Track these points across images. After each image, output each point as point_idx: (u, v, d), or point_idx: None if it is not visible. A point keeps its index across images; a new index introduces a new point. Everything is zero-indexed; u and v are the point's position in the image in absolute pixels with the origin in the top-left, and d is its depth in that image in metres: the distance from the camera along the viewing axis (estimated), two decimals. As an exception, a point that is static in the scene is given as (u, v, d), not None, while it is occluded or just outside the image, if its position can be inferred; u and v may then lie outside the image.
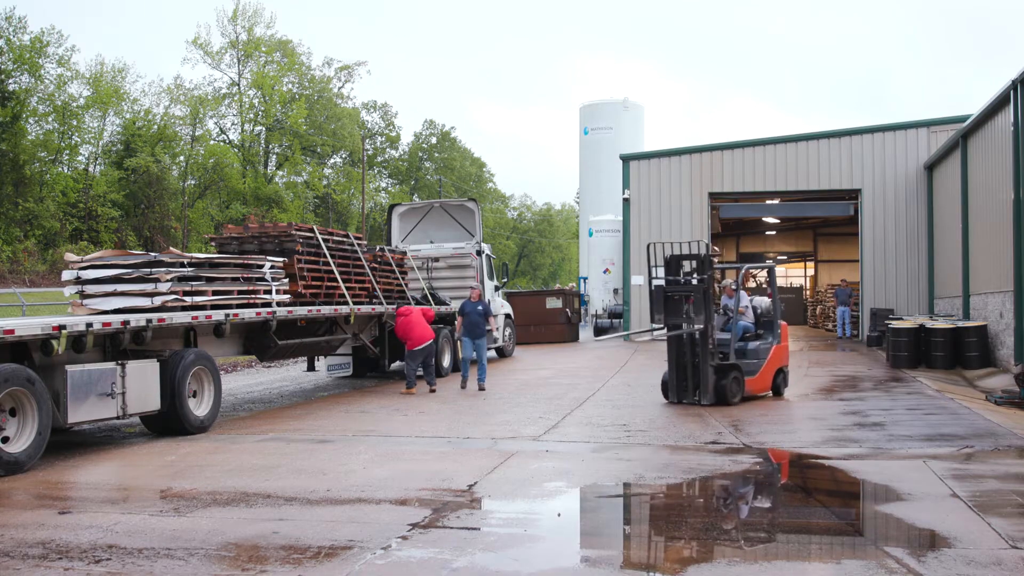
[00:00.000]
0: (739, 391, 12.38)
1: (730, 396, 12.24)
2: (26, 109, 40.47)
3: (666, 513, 6.92)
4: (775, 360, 13.10)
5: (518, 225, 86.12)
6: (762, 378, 12.89)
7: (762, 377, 12.87)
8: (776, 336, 13.11)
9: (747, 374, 12.61)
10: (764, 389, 13.03)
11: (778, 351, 13.12)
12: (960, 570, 5.19)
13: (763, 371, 12.86)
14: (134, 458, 9.11)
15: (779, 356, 13.18)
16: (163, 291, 10.31)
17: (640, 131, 36.66)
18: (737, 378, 12.42)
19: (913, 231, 23.99)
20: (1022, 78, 14.59)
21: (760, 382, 12.88)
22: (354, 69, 64.76)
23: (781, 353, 13.22)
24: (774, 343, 13.04)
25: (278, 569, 5.30)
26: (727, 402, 12.13)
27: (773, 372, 13.07)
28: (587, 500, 7.40)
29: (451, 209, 20.87)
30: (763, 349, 13.03)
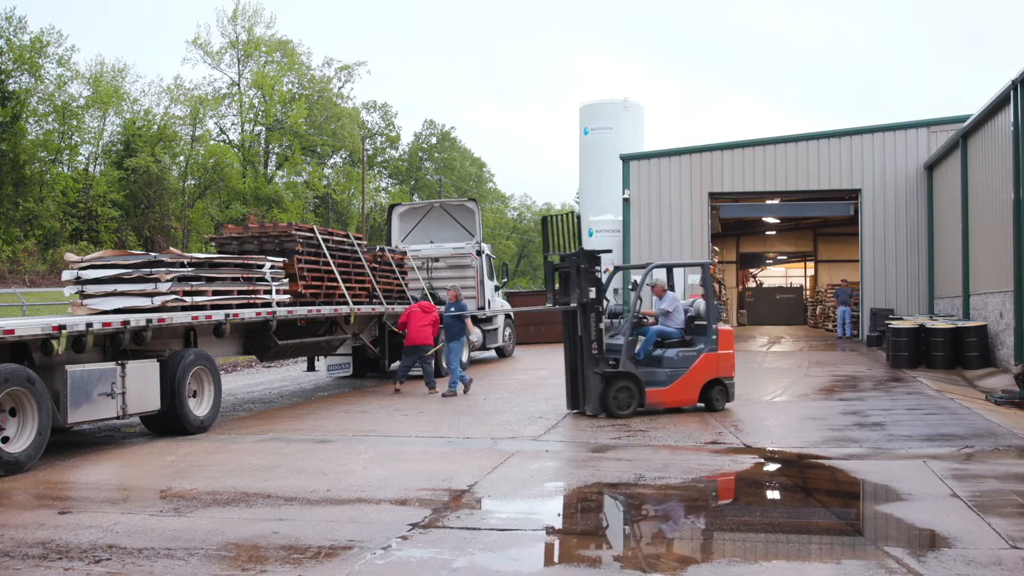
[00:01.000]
0: (630, 403, 11.38)
1: (615, 408, 11.33)
2: (26, 109, 40.48)
3: (666, 513, 6.93)
4: (704, 370, 11.73)
5: (518, 225, 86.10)
6: (679, 390, 11.65)
7: (679, 389, 11.65)
8: (710, 343, 11.77)
9: (654, 384, 11.56)
10: (684, 402, 11.79)
11: (710, 360, 11.76)
12: (960, 570, 5.19)
13: (681, 382, 11.63)
14: (134, 458, 9.11)
15: (711, 365, 11.77)
16: (163, 291, 10.32)
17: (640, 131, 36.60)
18: (628, 388, 11.41)
19: (913, 231, 23.99)
20: (1022, 78, 14.59)
21: (675, 394, 11.66)
22: (354, 69, 64.81)
23: (715, 362, 11.78)
24: (705, 351, 11.74)
25: (278, 569, 5.30)
26: (613, 414, 11.30)
27: (700, 383, 11.72)
28: (587, 500, 7.40)
29: (451, 209, 20.87)
30: (684, 357, 11.76)
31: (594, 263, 11.65)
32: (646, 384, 11.56)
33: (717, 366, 11.82)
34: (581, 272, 11.41)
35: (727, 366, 11.91)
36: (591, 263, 11.60)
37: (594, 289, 11.50)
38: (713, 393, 11.84)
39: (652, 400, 11.60)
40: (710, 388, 11.81)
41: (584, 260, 11.46)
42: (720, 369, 11.84)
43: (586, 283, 11.45)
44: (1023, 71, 14.57)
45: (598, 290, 11.55)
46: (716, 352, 11.78)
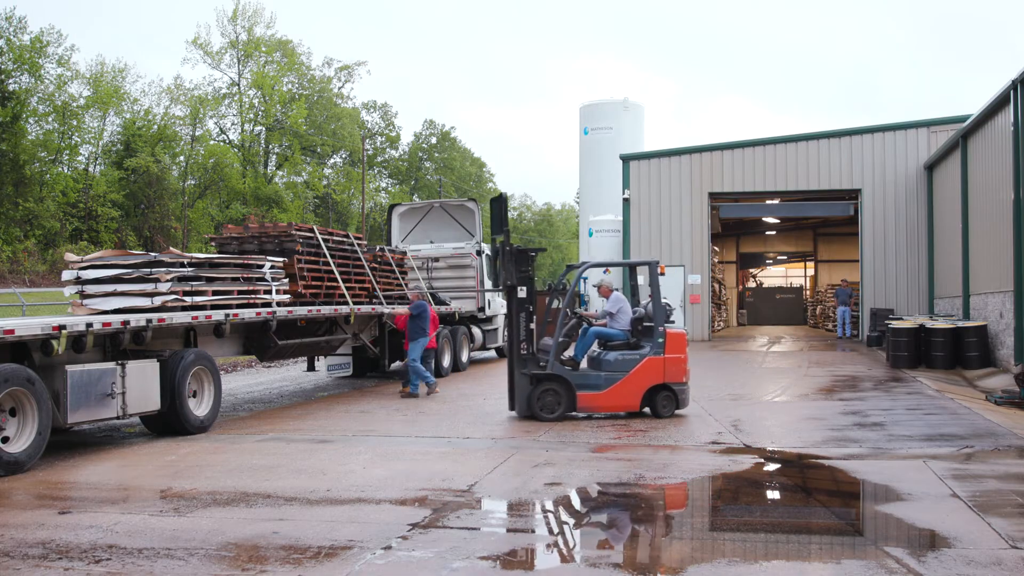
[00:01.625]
0: (557, 407, 11.07)
1: (539, 411, 11.04)
2: (26, 109, 40.47)
3: (666, 513, 6.93)
4: (647, 374, 11.18)
5: (518, 225, 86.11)
6: (616, 395, 11.19)
7: (617, 394, 11.18)
8: (656, 346, 11.21)
9: (588, 388, 11.16)
10: (622, 407, 11.31)
11: (655, 364, 11.17)
12: (960, 570, 5.19)
13: (619, 386, 11.16)
14: (134, 458, 9.11)
15: (656, 370, 11.18)
16: (163, 291, 10.31)
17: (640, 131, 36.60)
18: (554, 391, 11.10)
19: (913, 231, 24.00)
20: (1022, 78, 14.59)
21: (612, 399, 11.22)
22: (354, 69, 64.85)
23: (660, 366, 11.18)
24: (649, 354, 11.23)
25: (278, 569, 5.30)
26: (538, 418, 11.04)
27: (642, 388, 11.19)
28: (587, 500, 7.40)
29: (451, 209, 20.87)
30: (623, 361, 11.25)
31: (523, 261, 11.47)
32: (580, 387, 11.16)
33: (663, 371, 11.20)
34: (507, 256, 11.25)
35: (676, 371, 11.22)
36: (520, 262, 11.42)
37: (524, 288, 11.37)
38: (658, 399, 11.24)
39: (584, 404, 11.21)
40: (655, 394, 11.24)
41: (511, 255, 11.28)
42: (667, 374, 11.20)
43: (513, 268, 11.22)
44: (1023, 71, 14.56)
45: (529, 289, 11.39)
46: (662, 356, 11.20)
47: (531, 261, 11.55)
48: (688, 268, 25.03)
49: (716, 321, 29.76)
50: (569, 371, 11.29)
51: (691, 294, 25.05)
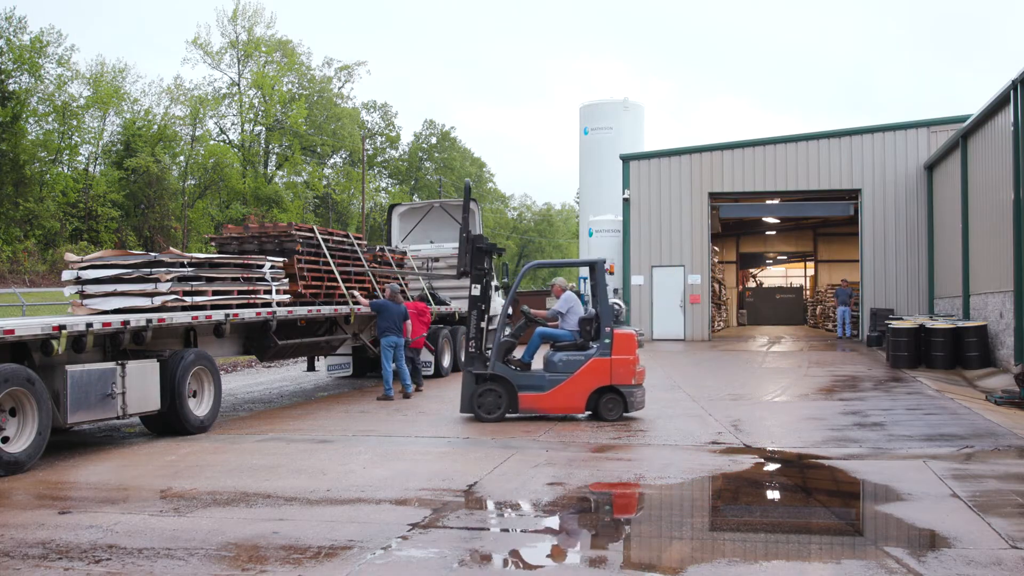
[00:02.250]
0: (497, 407, 11.01)
1: (479, 411, 11.02)
2: (26, 109, 40.47)
3: (666, 513, 6.93)
4: (592, 376, 10.95)
5: (518, 225, 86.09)
6: (560, 396, 11.01)
7: (560, 395, 11.00)
8: (603, 348, 11.00)
9: (531, 388, 11.03)
10: (567, 409, 11.10)
11: (601, 365, 10.94)
12: (960, 570, 5.19)
13: (563, 388, 10.98)
14: (134, 458, 9.11)
15: (602, 371, 10.94)
16: (163, 291, 10.31)
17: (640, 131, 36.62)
18: (495, 391, 11.01)
19: (913, 231, 24.00)
20: (1022, 78, 14.59)
21: (555, 400, 11.04)
22: (354, 69, 64.84)
23: (607, 368, 10.95)
24: (595, 355, 11.01)
25: (278, 569, 5.30)
26: (480, 418, 11.02)
27: (587, 390, 10.97)
28: (587, 500, 7.40)
29: (451, 209, 20.86)
30: (568, 362, 11.07)
31: (479, 259, 11.43)
32: (523, 388, 11.05)
33: (610, 372, 10.94)
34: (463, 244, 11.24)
35: (624, 372, 10.95)
36: (476, 259, 11.38)
37: (478, 286, 11.33)
38: (603, 401, 10.98)
39: (527, 406, 11.08)
40: (601, 396, 11.00)
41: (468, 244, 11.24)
42: (614, 375, 10.94)
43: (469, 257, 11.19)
44: (1023, 71, 14.56)
45: (482, 287, 11.33)
46: (609, 357, 10.95)
47: (488, 259, 11.50)
48: (688, 268, 25.04)
49: (716, 321, 29.76)
50: (512, 371, 11.16)
51: (691, 294, 25.06)
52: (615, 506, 7.36)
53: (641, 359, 11.53)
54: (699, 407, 12.21)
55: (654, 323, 25.18)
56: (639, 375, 11.17)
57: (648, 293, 25.24)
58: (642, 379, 11.30)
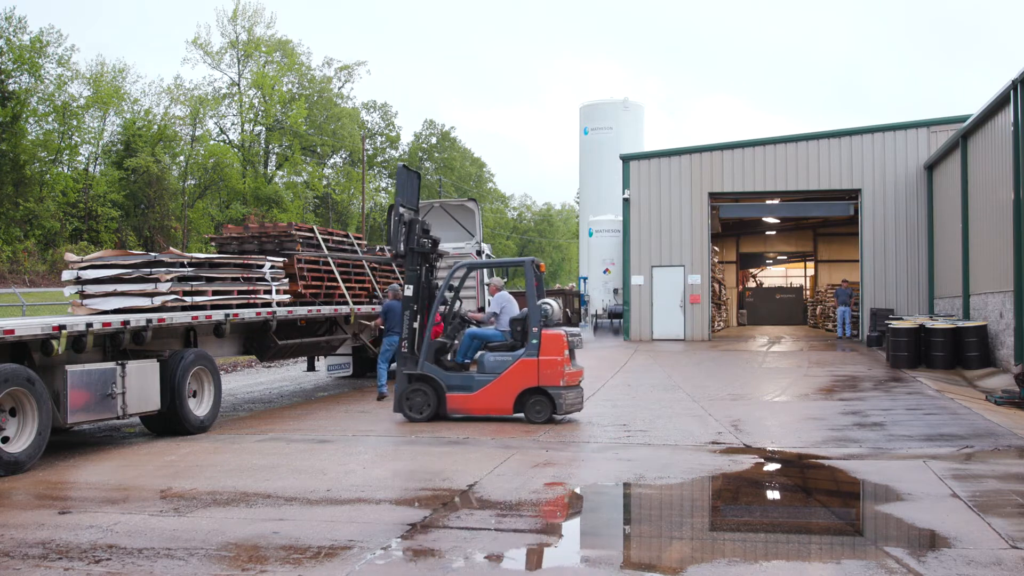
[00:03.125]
0: (426, 408, 11.00)
1: (408, 411, 11.04)
2: (26, 109, 40.45)
3: (666, 513, 6.93)
4: (519, 377, 10.82)
5: (518, 225, 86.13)
6: (487, 397, 10.93)
7: (487, 396, 10.93)
8: (531, 348, 10.84)
9: (459, 389, 10.99)
10: (494, 410, 10.98)
11: (528, 366, 10.79)
12: (960, 570, 5.19)
13: (490, 389, 10.91)
14: (134, 458, 9.11)
15: (529, 372, 10.80)
16: (163, 291, 10.31)
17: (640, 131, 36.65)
18: (422, 392, 11.03)
19: (913, 231, 23.99)
20: (1022, 78, 14.59)
21: (482, 401, 10.97)
22: (354, 69, 64.78)
23: (534, 369, 10.78)
24: (523, 356, 10.85)
25: (278, 569, 5.30)
26: (409, 417, 11.05)
27: (514, 391, 10.85)
28: (587, 500, 7.40)
29: (451, 209, 20.86)
30: (495, 363, 10.98)
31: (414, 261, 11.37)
32: (452, 389, 11.02)
33: (537, 374, 10.78)
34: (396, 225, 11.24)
35: (551, 373, 10.74)
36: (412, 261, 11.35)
37: (411, 287, 11.36)
38: (529, 403, 10.85)
39: (454, 406, 11.05)
40: (529, 397, 10.88)
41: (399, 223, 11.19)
42: (542, 377, 10.75)
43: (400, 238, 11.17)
44: (1023, 71, 14.56)
45: (415, 287, 11.34)
46: (536, 358, 10.77)
47: (426, 262, 11.52)
48: (688, 268, 25.03)
49: (716, 321, 29.74)
50: (441, 372, 11.12)
51: (691, 294, 25.05)
52: (615, 506, 7.37)
53: (641, 360, 11.51)
54: (699, 407, 12.21)
55: (654, 323, 25.17)
56: (569, 376, 10.92)
57: (648, 293, 25.23)
58: (575, 380, 11.08)
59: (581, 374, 11.30)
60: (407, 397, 11.11)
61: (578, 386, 11.19)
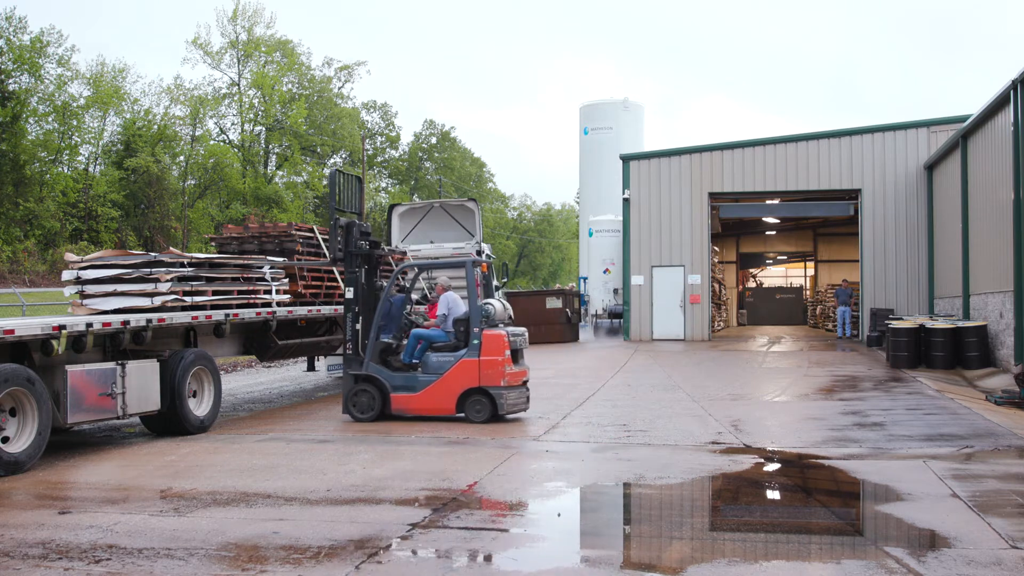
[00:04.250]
0: (370, 408, 11.12)
1: (354, 411, 11.15)
2: (26, 109, 40.43)
3: (666, 513, 6.93)
4: (461, 377, 10.89)
5: (518, 225, 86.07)
6: (430, 397, 11.01)
7: (430, 396, 11.01)
8: (472, 348, 10.90)
9: (403, 390, 11.10)
10: (437, 410, 11.04)
11: (469, 366, 10.86)
12: (960, 570, 5.19)
13: (433, 389, 10.99)
14: (134, 458, 9.11)
15: (471, 373, 10.87)
16: (163, 291, 10.31)
17: (640, 131, 36.65)
18: (367, 392, 11.14)
19: (913, 231, 23.99)
20: (1022, 78, 14.59)
21: (425, 401, 11.05)
22: (354, 69, 64.75)
23: (476, 369, 10.85)
24: (464, 356, 10.92)
25: (278, 569, 5.30)
26: (354, 417, 11.16)
27: (456, 392, 10.93)
28: (587, 500, 7.40)
29: (451, 209, 20.86)
30: (438, 363, 11.06)
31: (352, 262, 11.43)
32: (396, 389, 11.13)
33: (478, 373, 10.85)
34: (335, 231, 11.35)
35: (492, 373, 10.81)
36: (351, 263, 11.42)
37: (351, 289, 11.43)
38: (469, 402, 10.91)
39: (398, 406, 11.15)
40: (470, 397, 10.94)
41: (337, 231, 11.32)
42: (483, 377, 10.82)
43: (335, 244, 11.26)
44: (1023, 71, 14.56)
45: (355, 290, 11.41)
46: (477, 358, 10.85)
47: (367, 263, 11.54)
48: (688, 268, 25.03)
49: (716, 321, 29.74)
50: (386, 372, 11.22)
51: (691, 294, 25.05)
52: (615, 506, 7.37)
53: (641, 360, 11.51)
54: (699, 407, 12.21)
55: (654, 323, 25.18)
56: (511, 376, 10.97)
57: (648, 293, 25.23)
58: (517, 380, 11.12)
59: (525, 374, 11.37)
60: (353, 397, 11.24)
61: (522, 386, 11.26)
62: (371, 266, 11.73)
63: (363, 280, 11.52)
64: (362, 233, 11.59)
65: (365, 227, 11.71)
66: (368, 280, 11.62)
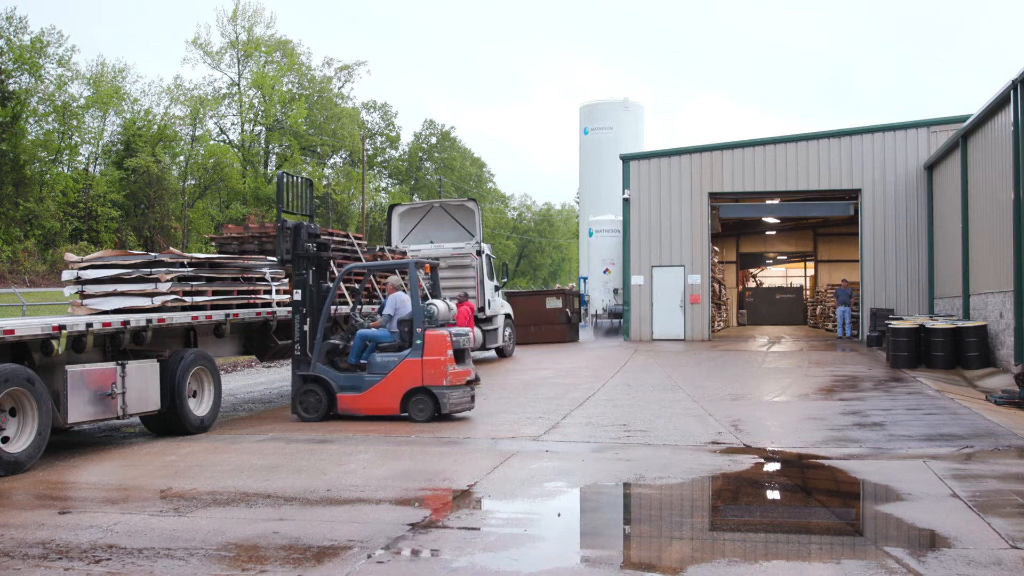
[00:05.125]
0: (317, 408, 11.26)
1: (302, 412, 11.30)
2: (26, 109, 40.46)
3: (666, 513, 6.93)
4: (404, 377, 11.04)
5: (518, 225, 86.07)
6: (375, 397, 11.18)
7: (375, 396, 11.17)
8: (415, 349, 11.07)
9: (349, 390, 11.24)
10: (382, 410, 11.17)
11: (412, 366, 11.02)
12: (960, 570, 5.19)
13: (377, 389, 11.14)
14: (134, 458, 9.11)
15: (414, 372, 11.02)
16: (163, 291, 10.31)
17: (640, 131, 36.64)
18: (315, 392, 11.28)
19: (913, 231, 23.99)
20: (1022, 78, 14.59)
21: (370, 401, 11.21)
22: (354, 69, 64.76)
23: (419, 368, 11.00)
24: (407, 356, 11.08)
25: (278, 569, 5.30)
26: (302, 418, 11.28)
27: (400, 391, 11.07)
28: (587, 500, 7.40)
29: (451, 209, 20.88)
30: (382, 363, 11.21)
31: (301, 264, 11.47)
32: (343, 389, 11.29)
33: (421, 373, 11.02)
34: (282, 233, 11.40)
35: (435, 373, 10.98)
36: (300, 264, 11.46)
37: (299, 291, 11.48)
38: (412, 402, 11.06)
39: (344, 406, 11.29)
40: (413, 396, 11.10)
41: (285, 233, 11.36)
42: (426, 376, 10.99)
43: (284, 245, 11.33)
44: (1023, 71, 14.56)
45: (303, 292, 11.47)
46: (420, 358, 11.02)
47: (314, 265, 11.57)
48: (688, 268, 25.03)
49: (716, 321, 29.74)
50: (332, 372, 11.37)
51: (691, 294, 25.05)
52: (615, 506, 7.37)
53: (641, 360, 11.52)
54: (699, 407, 12.20)
55: (654, 323, 25.17)
56: (454, 376, 11.10)
57: (648, 293, 25.23)
58: (460, 380, 11.22)
59: (468, 373, 11.45)
60: (301, 397, 11.37)
61: (464, 385, 11.34)
62: (319, 268, 11.75)
63: (311, 282, 11.58)
64: (310, 235, 11.64)
65: (313, 229, 11.77)
66: (316, 282, 11.66)
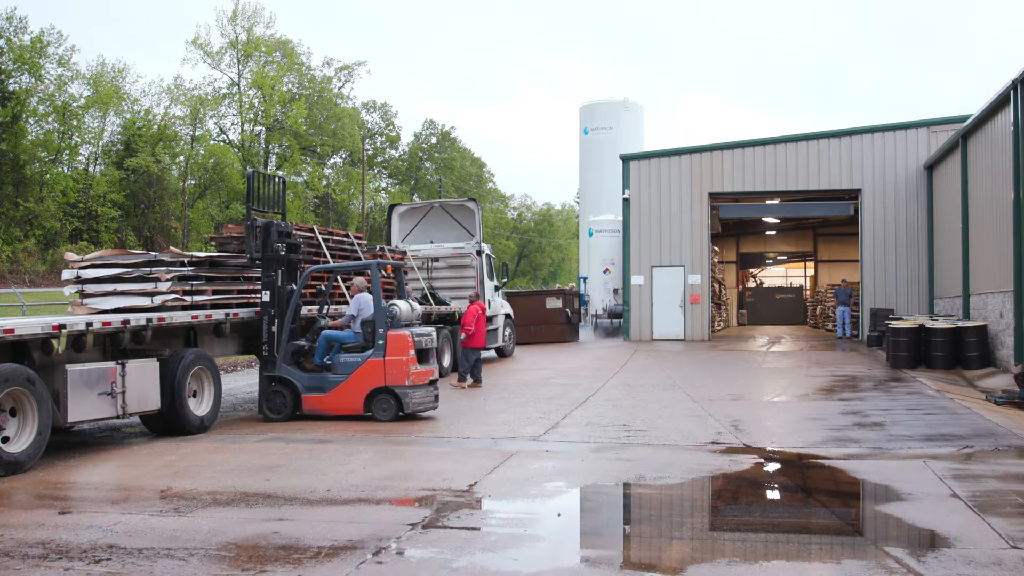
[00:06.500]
0: (283, 408, 11.36)
1: (268, 412, 11.43)
2: (26, 109, 40.44)
3: (666, 513, 6.93)
4: (367, 377, 11.14)
5: (518, 225, 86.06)
6: (339, 397, 11.27)
7: (339, 396, 11.27)
8: (377, 349, 11.16)
9: (314, 390, 11.33)
10: (347, 410, 11.26)
11: (375, 367, 11.12)
12: (960, 570, 5.19)
13: (341, 389, 11.25)
14: (134, 458, 9.11)
15: (377, 373, 11.11)
16: (163, 291, 10.32)
17: (640, 131, 36.62)
18: (280, 393, 11.39)
19: (913, 231, 23.99)
20: (1022, 78, 14.58)
21: (335, 401, 11.30)
22: (354, 69, 64.78)
23: (381, 369, 11.10)
24: (371, 356, 11.18)
25: (278, 569, 5.30)
26: (268, 418, 11.40)
27: (364, 391, 11.17)
28: (587, 500, 7.40)
29: (451, 209, 20.87)
30: (346, 363, 11.32)
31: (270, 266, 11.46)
32: (307, 390, 11.38)
33: (383, 373, 11.11)
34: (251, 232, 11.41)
35: (397, 373, 11.07)
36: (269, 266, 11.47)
37: (268, 292, 11.50)
38: (375, 401, 11.15)
39: (310, 407, 11.38)
40: (376, 396, 11.18)
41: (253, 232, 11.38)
42: (388, 376, 11.08)
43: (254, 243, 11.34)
44: (1023, 71, 14.56)
45: (272, 293, 11.48)
46: (383, 358, 11.11)
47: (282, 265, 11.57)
48: (688, 268, 25.03)
49: (716, 321, 29.74)
50: (297, 373, 11.47)
51: (691, 294, 25.05)
52: (615, 506, 7.37)
53: (641, 360, 11.53)
54: (699, 407, 12.20)
55: (654, 323, 25.17)
56: (416, 376, 11.20)
57: (648, 293, 25.23)
58: (423, 379, 11.32)
59: (431, 373, 11.55)
60: (267, 397, 11.47)
61: (428, 385, 11.41)
62: (289, 268, 11.71)
63: (279, 283, 11.55)
64: (280, 234, 11.59)
65: (285, 227, 11.71)
66: (284, 283, 11.62)
